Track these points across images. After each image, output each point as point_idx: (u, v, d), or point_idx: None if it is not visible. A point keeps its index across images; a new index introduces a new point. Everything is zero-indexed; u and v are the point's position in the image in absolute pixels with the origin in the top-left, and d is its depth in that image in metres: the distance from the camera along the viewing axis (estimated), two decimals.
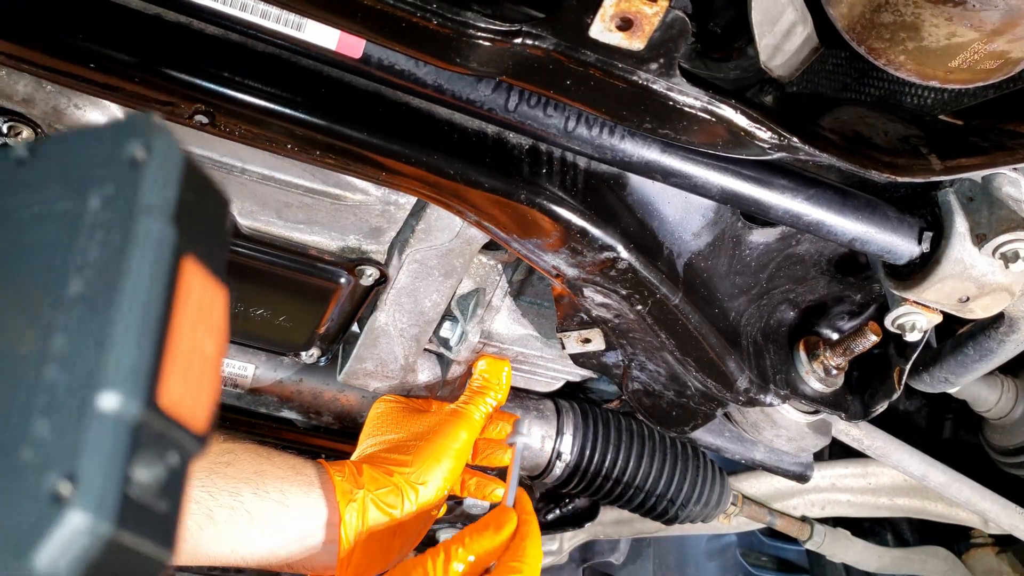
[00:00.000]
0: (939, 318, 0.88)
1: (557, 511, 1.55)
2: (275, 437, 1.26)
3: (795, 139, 0.72)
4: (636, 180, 0.85)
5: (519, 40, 0.64)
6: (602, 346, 1.04)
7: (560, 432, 1.19)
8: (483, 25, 0.64)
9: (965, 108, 0.81)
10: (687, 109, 0.70)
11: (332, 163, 0.78)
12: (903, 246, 0.84)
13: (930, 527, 1.69)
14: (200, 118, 0.73)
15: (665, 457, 1.22)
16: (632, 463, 1.20)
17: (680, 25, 0.63)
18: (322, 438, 1.28)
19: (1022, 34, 0.62)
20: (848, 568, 1.75)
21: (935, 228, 0.84)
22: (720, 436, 1.23)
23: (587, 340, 1.04)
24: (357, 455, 1.06)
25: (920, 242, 0.84)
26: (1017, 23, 0.61)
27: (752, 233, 0.94)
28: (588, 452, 1.19)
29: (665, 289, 0.87)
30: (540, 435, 1.18)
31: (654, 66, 0.66)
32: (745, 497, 1.45)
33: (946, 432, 1.62)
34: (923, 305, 0.87)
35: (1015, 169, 0.80)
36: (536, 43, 0.65)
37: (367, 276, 1.00)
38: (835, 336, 1.05)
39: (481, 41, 0.64)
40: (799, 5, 0.71)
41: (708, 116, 0.71)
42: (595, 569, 2.03)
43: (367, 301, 1.05)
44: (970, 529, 1.62)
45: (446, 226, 0.97)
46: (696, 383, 1.00)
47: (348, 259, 0.99)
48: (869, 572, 1.64)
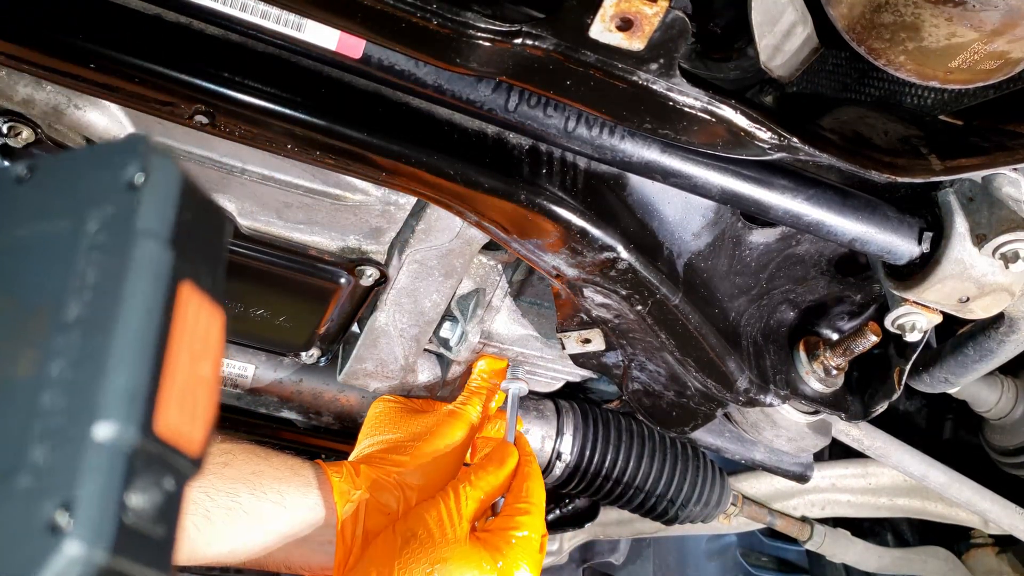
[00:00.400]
0: (939, 318, 0.88)
1: (557, 511, 1.55)
2: (275, 437, 1.26)
3: (795, 139, 0.72)
4: (636, 180, 0.85)
5: (519, 40, 0.64)
6: (602, 346, 1.04)
7: (560, 432, 1.19)
8: (483, 25, 0.64)
9: (965, 108, 0.81)
10: (687, 109, 0.70)
11: (332, 163, 0.78)
12: (903, 246, 0.84)
13: (930, 527, 1.69)
14: (200, 118, 0.73)
15: (665, 457, 1.22)
16: (632, 463, 1.20)
17: (680, 25, 0.63)
18: (322, 438, 1.28)
19: (1022, 34, 0.62)
20: (848, 568, 1.75)
21: (935, 228, 0.84)
22: (720, 436, 1.23)
23: (587, 340, 1.04)
24: (355, 455, 1.06)
25: (920, 242, 0.84)
26: (1017, 23, 0.61)
27: (752, 233, 0.94)
28: (588, 452, 1.19)
29: (665, 289, 0.87)
30: (540, 435, 1.18)
31: (654, 66, 0.66)
32: (745, 497, 1.45)
33: (946, 432, 1.62)
34: (923, 305, 0.87)
35: (1015, 169, 0.80)
36: (536, 43, 0.65)
37: (367, 276, 1.00)
38: (835, 336, 1.05)
39: (481, 41, 0.64)
40: (799, 5, 0.71)
41: (708, 116, 0.71)
42: (595, 569, 2.03)
43: (367, 301, 1.05)
44: (970, 529, 1.62)
45: (446, 226, 0.97)
46: (696, 383, 1.00)
47: (348, 259, 0.99)
48: (869, 572, 1.64)
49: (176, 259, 0.39)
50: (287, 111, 0.73)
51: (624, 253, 0.82)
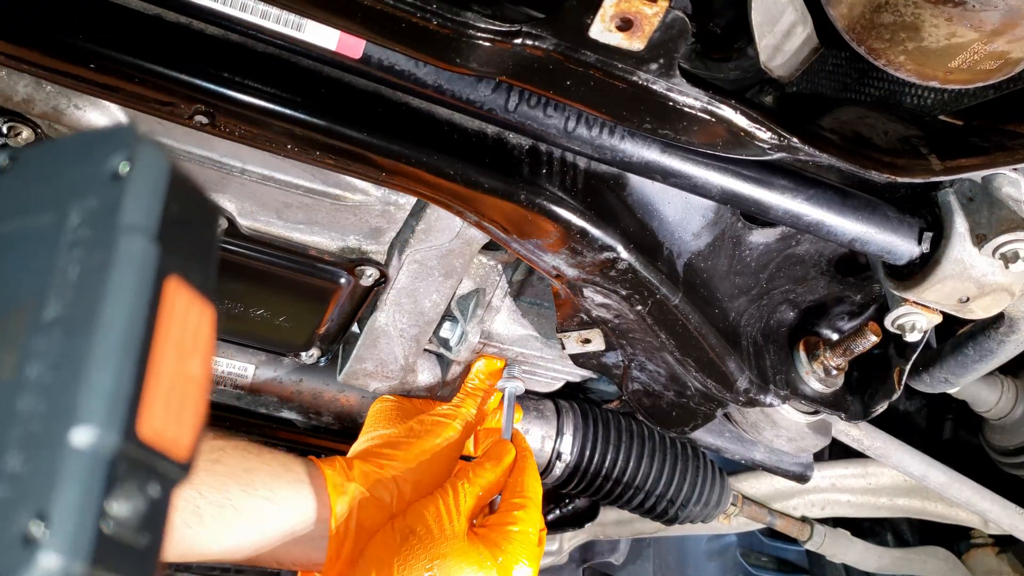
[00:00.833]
0: (939, 318, 0.88)
1: (557, 511, 1.55)
2: (274, 437, 1.26)
3: (795, 139, 0.72)
4: (636, 180, 0.85)
5: (519, 40, 0.64)
6: (602, 346, 1.04)
7: (560, 432, 1.19)
8: (483, 25, 0.64)
9: (965, 108, 0.81)
10: (687, 109, 0.70)
11: (332, 163, 0.78)
12: (903, 246, 0.84)
13: (930, 527, 1.69)
14: (200, 118, 0.73)
15: (665, 457, 1.22)
16: (632, 463, 1.20)
17: (680, 25, 0.63)
18: (322, 439, 1.28)
19: (1022, 34, 0.62)
20: (848, 568, 1.75)
21: (935, 228, 0.84)
22: (720, 436, 1.23)
23: (587, 340, 1.04)
24: (351, 452, 1.06)
25: (920, 242, 0.84)
26: (1017, 23, 0.61)
27: (752, 233, 0.94)
28: (588, 452, 1.19)
29: (665, 289, 0.87)
30: (540, 435, 1.18)
31: (654, 66, 0.66)
32: (745, 497, 1.45)
33: (946, 432, 1.62)
34: (923, 305, 0.87)
35: (1015, 169, 0.80)
36: (536, 43, 0.65)
37: (367, 276, 1.00)
38: (835, 336, 1.05)
39: (481, 42, 0.64)
40: (799, 5, 0.71)
41: (708, 116, 0.70)
42: (595, 569, 2.03)
43: (367, 301, 1.05)
44: (970, 529, 1.62)
45: (446, 226, 0.97)
46: (696, 383, 1.00)
47: (348, 259, 0.99)
48: (869, 572, 1.64)
49: (163, 254, 0.37)
50: (287, 111, 0.73)
51: (624, 253, 0.82)
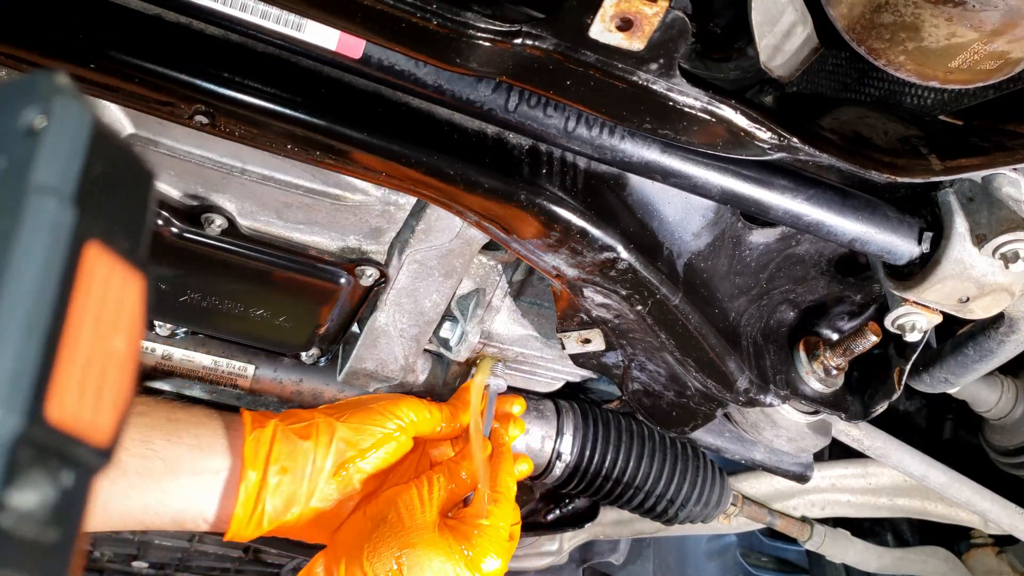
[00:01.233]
0: (939, 318, 0.88)
1: (557, 511, 1.55)
2: None
3: (795, 139, 0.72)
4: (636, 180, 0.85)
5: (519, 40, 0.64)
6: (602, 346, 1.04)
7: (560, 432, 1.19)
8: (483, 26, 0.64)
9: (965, 108, 0.81)
10: (687, 109, 0.70)
11: (332, 163, 0.78)
12: (903, 246, 0.84)
13: (930, 527, 1.69)
14: (200, 118, 0.73)
15: (665, 457, 1.22)
16: (632, 463, 1.20)
17: (680, 25, 0.63)
18: None
19: (1022, 34, 0.62)
20: (848, 568, 1.75)
21: (935, 228, 0.84)
22: (720, 436, 1.23)
23: (587, 340, 1.04)
24: None
25: (920, 242, 0.84)
26: (1017, 23, 0.61)
27: (752, 233, 0.94)
28: (588, 452, 1.19)
29: (665, 289, 0.87)
30: (540, 435, 1.18)
31: (654, 66, 0.66)
32: (745, 497, 1.45)
33: (946, 432, 1.62)
34: (923, 305, 0.87)
35: (1015, 169, 0.80)
36: (536, 43, 0.65)
37: (367, 276, 1.00)
38: (835, 336, 1.05)
39: (481, 42, 0.64)
40: (799, 5, 0.71)
41: (708, 116, 0.71)
42: (595, 569, 2.03)
43: (367, 301, 1.05)
44: (970, 529, 1.62)
45: (446, 226, 0.97)
46: (696, 383, 1.00)
47: (348, 259, 0.99)
48: (869, 572, 1.64)
49: (81, 218, 0.33)
50: (287, 111, 0.73)
51: (624, 253, 0.83)
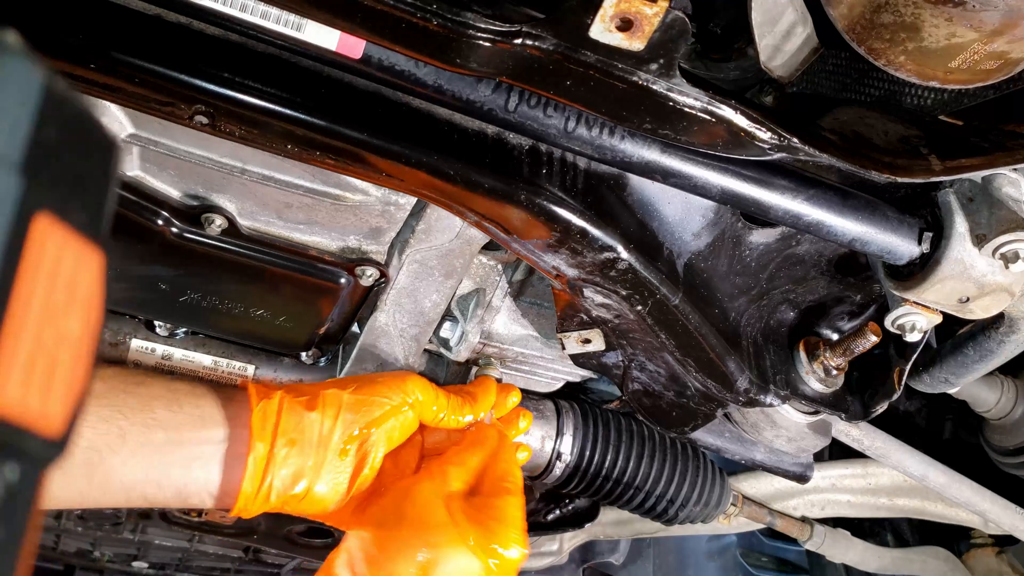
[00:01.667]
0: (939, 318, 0.88)
1: (557, 511, 1.55)
2: None
3: (795, 139, 0.72)
4: (636, 180, 0.85)
5: (519, 41, 0.64)
6: (602, 346, 1.04)
7: (560, 432, 1.19)
8: (483, 26, 0.64)
9: (965, 108, 0.81)
10: (687, 110, 0.70)
11: (332, 163, 0.78)
12: (903, 246, 0.84)
13: (930, 527, 1.69)
14: (200, 118, 0.73)
15: (665, 457, 1.22)
16: (632, 463, 1.20)
17: (680, 25, 0.63)
18: None
19: (1022, 34, 0.62)
20: (848, 568, 1.75)
21: (935, 228, 0.84)
22: (720, 436, 1.23)
23: (587, 340, 1.04)
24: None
25: (920, 242, 0.84)
26: (1017, 23, 0.61)
27: (752, 233, 0.94)
28: (588, 452, 1.19)
29: (665, 289, 0.87)
30: (540, 435, 1.18)
31: (654, 66, 0.66)
32: (745, 497, 1.45)
33: (946, 432, 1.63)
34: (923, 305, 0.87)
35: (1015, 169, 0.80)
36: (536, 44, 0.65)
37: (367, 276, 1.00)
38: (835, 336, 1.05)
39: (481, 42, 0.64)
40: (799, 5, 0.71)
41: (708, 116, 0.71)
42: (595, 569, 2.03)
43: (367, 301, 1.05)
44: (970, 529, 1.62)
45: (446, 226, 0.97)
46: (696, 383, 1.00)
47: (348, 259, 0.99)
48: (869, 572, 1.64)
49: (29, 187, 0.30)
50: (287, 111, 0.73)
51: (624, 253, 0.83)
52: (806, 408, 1.12)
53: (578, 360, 1.08)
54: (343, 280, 1.00)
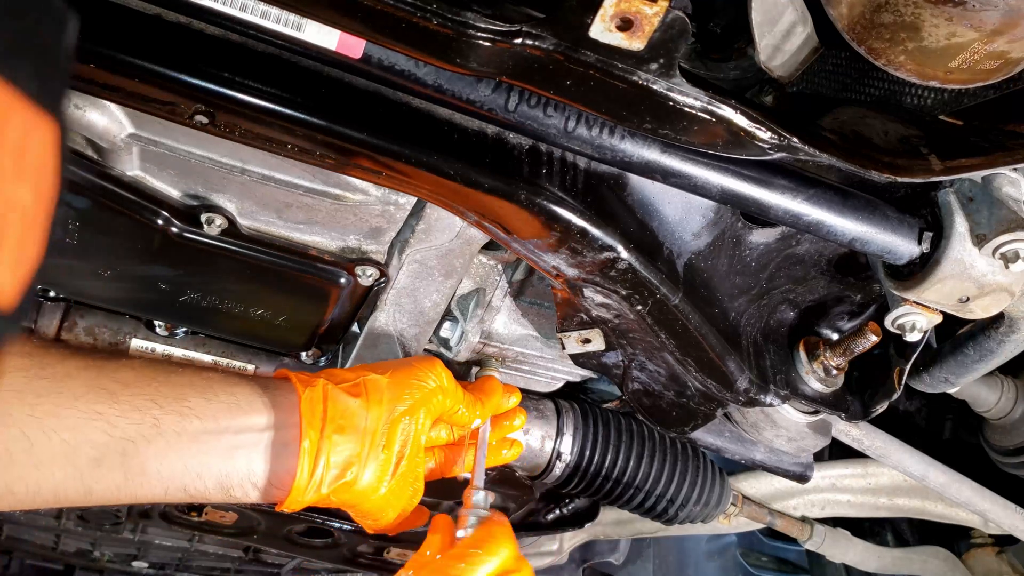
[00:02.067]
0: (939, 318, 0.88)
1: (557, 511, 1.55)
2: None
3: (795, 139, 0.72)
4: (636, 180, 0.85)
5: (519, 40, 0.64)
6: (602, 346, 1.04)
7: (560, 432, 1.19)
8: (483, 25, 0.64)
9: (965, 108, 0.81)
10: (687, 109, 0.70)
11: (332, 163, 0.78)
12: (903, 246, 0.84)
13: (930, 527, 1.69)
14: (200, 118, 0.73)
15: (665, 457, 1.22)
16: (632, 463, 1.20)
17: (680, 25, 0.63)
18: None
19: (1022, 34, 0.62)
20: (848, 568, 1.75)
21: (935, 228, 0.84)
22: (720, 436, 1.23)
23: (587, 340, 1.04)
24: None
25: (920, 242, 0.84)
26: (1017, 23, 0.61)
27: (752, 233, 0.94)
28: (588, 452, 1.19)
29: (665, 289, 0.87)
30: (540, 435, 1.18)
31: (654, 66, 0.66)
32: (745, 497, 1.45)
33: (946, 432, 1.63)
34: (923, 305, 0.87)
35: (1015, 169, 0.80)
36: (536, 43, 0.65)
37: (367, 276, 1.00)
38: (835, 336, 1.05)
39: (481, 41, 0.64)
40: (799, 5, 0.71)
41: (708, 116, 0.71)
42: (595, 569, 2.03)
43: (367, 301, 1.05)
44: (970, 529, 1.62)
45: (446, 226, 0.97)
46: (696, 383, 1.00)
47: (348, 259, 0.99)
48: (869, 572, 1.64)
49: None
50: (287, 111, 0.73)
51: (624, 253, 0.83)
52: (806, 408, 1.12)
53: (578, 360, 1.08)
54: (343, 280, 1.00)
